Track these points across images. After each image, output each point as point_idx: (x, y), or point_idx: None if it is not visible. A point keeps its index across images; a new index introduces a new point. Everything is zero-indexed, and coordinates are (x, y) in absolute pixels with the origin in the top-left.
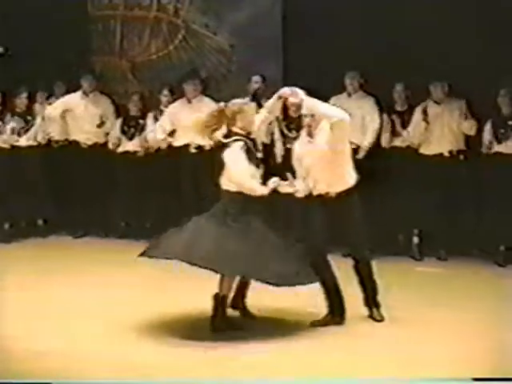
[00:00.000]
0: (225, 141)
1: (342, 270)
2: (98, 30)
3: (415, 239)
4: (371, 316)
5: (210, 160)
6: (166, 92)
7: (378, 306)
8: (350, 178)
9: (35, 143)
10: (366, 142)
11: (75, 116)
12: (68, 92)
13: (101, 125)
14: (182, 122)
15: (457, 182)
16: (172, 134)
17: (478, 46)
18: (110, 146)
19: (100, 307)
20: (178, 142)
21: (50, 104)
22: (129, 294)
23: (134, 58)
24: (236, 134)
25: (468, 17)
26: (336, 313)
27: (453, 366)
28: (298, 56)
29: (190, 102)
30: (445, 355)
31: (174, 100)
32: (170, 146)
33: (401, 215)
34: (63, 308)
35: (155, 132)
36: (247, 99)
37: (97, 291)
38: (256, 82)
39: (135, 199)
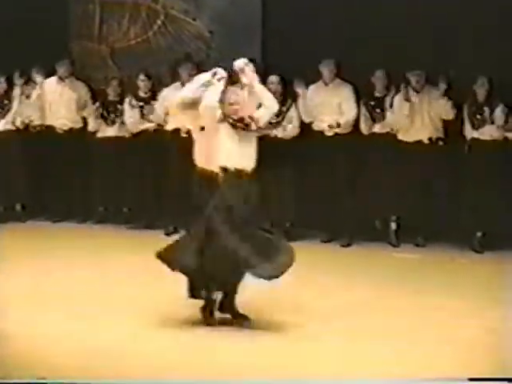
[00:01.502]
0: None
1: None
2: (77, 14)
3: (393, 225)
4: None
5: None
6: (142, 77)
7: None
8: None
9: (13, 127)
10: (342, 121)
11: (50, 101)
12: (46, 77)
13: (83, 108)
14: None
15: (434, 169)
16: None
17: (456, 33)
18: (90, 129)
19: (80, 291)
20: (168, 126)
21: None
22: (106, 277)
23: (113, 44)
24: None
25: (448, 4)
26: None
27: (429, 349)
28: (278, 42)
29: (183, 85)
30: (421, 339)
31: (152, 85)
32: (149, 131)
33: (379, 201)
34: (43, 293)
35: (134, 117)
36: None
37: (75, 276)
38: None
39: (113, 184)
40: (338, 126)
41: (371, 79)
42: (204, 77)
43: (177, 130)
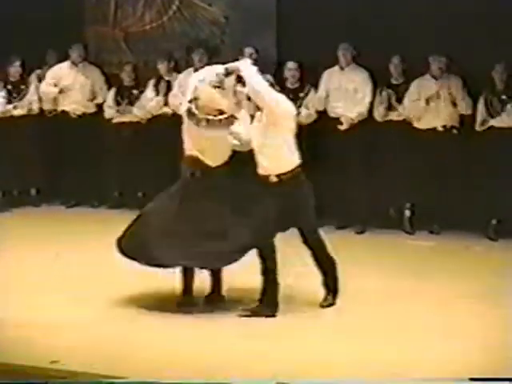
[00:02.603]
0: None
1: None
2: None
3: (407, 212)
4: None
5: None
6: (164, 61)
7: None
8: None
9: (28, 112)
10: (353, 113)
11: (63, 86)
12: (60, 61)
13: (93, 99)
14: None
15: (449, 157)
16: None
17: (473, 20)
18: (106, 116)
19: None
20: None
21: (41, 73)
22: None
23: (127, 29)
24: None
25: None
26: (268, 303)
27: (443, 339)
28: (292, 28)
29: (196, 70)
30: (435, 328)
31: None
32: (164, 116)
33: (393, 189)
34: (54, 276)
35: (157, 101)
36: None
37: (86, 260)
38: (250, 53)
39: (128, 169)
40: (352, 120)
41: (388, 66)
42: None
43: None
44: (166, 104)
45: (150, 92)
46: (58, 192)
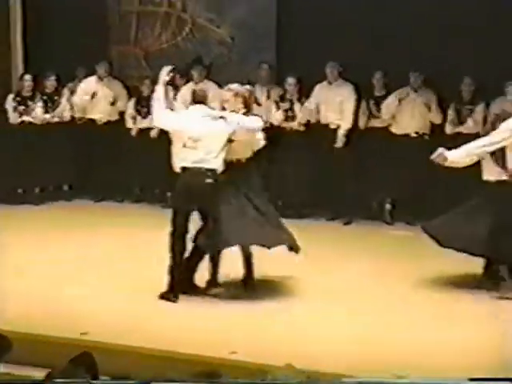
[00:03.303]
0: None
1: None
2: (116, 22)
3: (387, 206)
4: None
5: None
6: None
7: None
8: None
9: (61, 120)
10: (343, 128)
11: (90, 96)
12: (88, 76)
13: (113, 104)
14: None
15: (422, 158)
16: None
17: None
18: (129, 123)
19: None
20: None
21: (72, 86)
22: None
23: (146, 48)
24: None
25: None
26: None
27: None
28: (290, 47)
29: (197, 84)
30: (414, 311)
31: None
32: None
33: (376, 185)
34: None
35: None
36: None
37: (112, 247)
38: (264, 69)
39: (147, 169)
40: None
41: (372, 80)
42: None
43: None
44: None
45: None
46: (87, 188)
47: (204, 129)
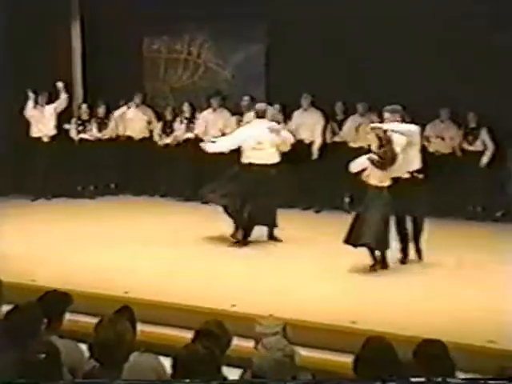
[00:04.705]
0: None
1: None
2: (148, 65)
3: (346, 199)
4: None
5: None
6: (186, 105)
7: None
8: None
9: (110, 137)
10: (317, 143)
11: (130, 120)
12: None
13: (149, 124)
14: (209, 123)
15: None
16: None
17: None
18: (157, 139)
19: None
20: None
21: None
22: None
23: (172, 83)
24: None
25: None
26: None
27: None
28: (275, 84)
29: (215, 111)
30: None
31: (195, 110)
32: (191, 139)
33: (339, 184)
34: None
35: (184, 130)
36: None
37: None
38: (245, 100)
39: (170, 172)
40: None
41: (335, 108)
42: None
43: None
44: (189, 131)
45: (177, 125)
46: (128, 186)
47: (267, 137)
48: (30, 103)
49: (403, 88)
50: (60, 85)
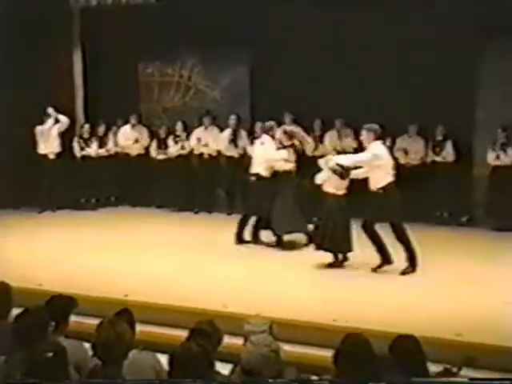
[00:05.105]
0: None
1: None
2: (143, 88)
3: None
4: None
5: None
6: (179, 124)
7: None
8: None
9: (108, 154)
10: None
11: (126, 139)
12: (125, 124)
13: (136, 142)
14: (202, 140)
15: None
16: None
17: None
18: (153, 155)
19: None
20: (196, 151)
21: (115, 131)
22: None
23: (164, 104)
24: None
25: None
26: None
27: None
28: (259, 104)
29: (206, 128)
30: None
31: (186, 128)
32: (183, 155)
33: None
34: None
35: (178, 146)
36: None
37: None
38: (232, 118)
39: (166, 185)
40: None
41: (313, 124)
42: None
43: (200, 154)
44: (182, 148)
45: (171, 143)
46: (127, 198)
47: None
48: (50, 121)
49: (377, 106)
50: (50, 111)
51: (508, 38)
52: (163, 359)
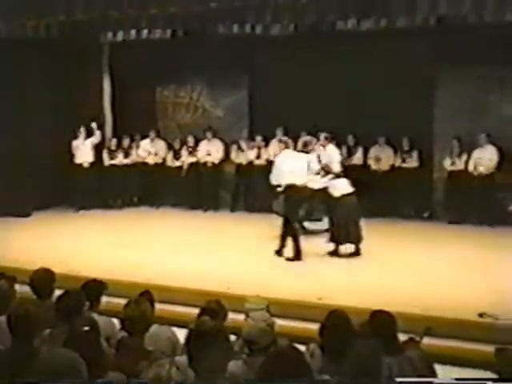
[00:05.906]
0: None
1: None
2: (160, 107)
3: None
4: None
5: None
6: (190, 137)
7: None
8: None
9: (132, 162)
10: None
11: (146, 150)
12: (144, 138)
13: (155, 155)
14: (206, 152)
15: None
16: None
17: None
18: (169, 164)
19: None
20: (202, 159)
21: (136, 144)
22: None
23: (178, 122)
24: None
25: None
26: None
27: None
28: (258, 120)
29: (209, 141)
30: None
31: (197, 141)
32: (195, 164)
33: None
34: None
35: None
36: None
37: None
38: (244, 132)
39: (180, 187)
40: None
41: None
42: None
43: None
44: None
45: (184, 153)
46: (148, 199)
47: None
48: (82, 136)
49: (354, 120)
50: (94, 125)
51: (457, 66)
52: (179, 332)
